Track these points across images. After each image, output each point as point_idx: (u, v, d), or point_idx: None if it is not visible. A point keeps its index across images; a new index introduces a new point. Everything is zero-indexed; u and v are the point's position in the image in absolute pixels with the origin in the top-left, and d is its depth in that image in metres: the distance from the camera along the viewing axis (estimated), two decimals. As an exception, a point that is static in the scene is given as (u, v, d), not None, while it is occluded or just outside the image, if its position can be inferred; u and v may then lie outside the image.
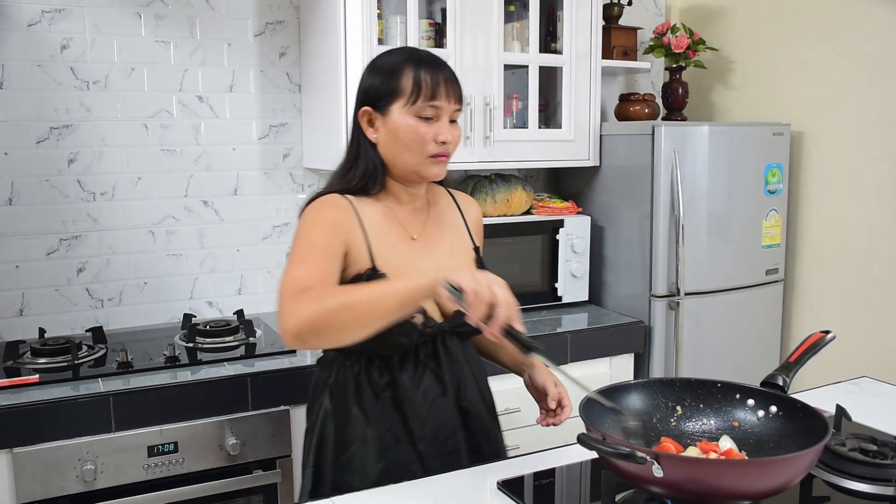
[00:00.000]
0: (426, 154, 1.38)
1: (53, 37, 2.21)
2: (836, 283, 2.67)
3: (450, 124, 1.40)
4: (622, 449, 1.02)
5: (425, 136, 1.37)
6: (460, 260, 1.50)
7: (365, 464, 1.40)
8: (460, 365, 1.47)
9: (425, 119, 1.37)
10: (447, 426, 1.43)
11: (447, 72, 1.39)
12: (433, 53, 1.43)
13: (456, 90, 1.39)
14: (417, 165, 1.40)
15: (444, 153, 1.40)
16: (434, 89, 1.36)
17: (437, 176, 1.43)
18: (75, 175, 2.28)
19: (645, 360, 2.54)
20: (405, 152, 1.39)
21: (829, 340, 1.34)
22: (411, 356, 1.42)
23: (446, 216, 1.54)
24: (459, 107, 1.41)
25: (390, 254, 1.40)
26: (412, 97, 1.36)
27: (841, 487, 1.23)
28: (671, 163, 2.43)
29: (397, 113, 1.37)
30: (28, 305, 2.26)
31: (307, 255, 1.31)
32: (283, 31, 2.49)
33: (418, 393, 1.41)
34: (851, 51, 2.56)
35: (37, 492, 1.74)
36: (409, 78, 1.36)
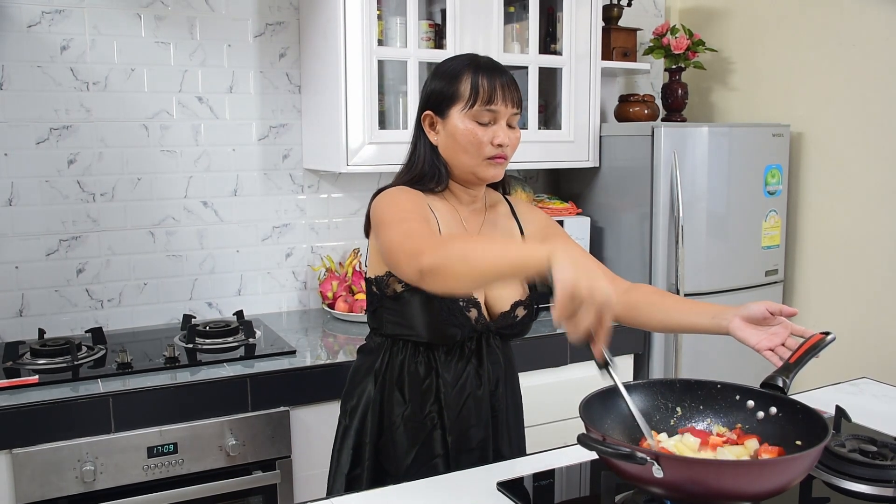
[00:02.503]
0: (483, 156, 1.43)
1: (53, 38, 2.21)
2: (836, 283, 2.67)
3: (507, 128, 1.44)
4: (622, 449, 1.02)
5: (482, 138, 1.42)
6: None
7: (398, 450, 1.46)
8: (499, 366, 1.52)
9: (483, 123, 1.42)
10: (477, 423, 1.48)
11: (505, 77, 1.44)
12: (494, 60, 1.48)
13: (513, 95, 1.43)
14: (475, 167, 1.44)
15: (502, 155, 1.44)
16: (491, 94, 1.41)
17: (494, 177, 1.47)
18: (75, 176, 2.28)
19: (645, 361, 2.54)
20: (463, 154, 1.44)
21: (829, 342, 1.33)
22: (456, 350, 1.46)
23: (501, 222, 1.58)
24: (517, 111, 1.45)
25: None
26: (470, 101, 1.42)
27: (841, 488, 1.23)
28: (671, 164, 2.43)
29: (456, 116, 1.43)
30: (28, 306, 2.26)
31: (404, 216, 1.31)
32: (282, 32, 2.50)
33: (456, 386, 1.46)
34: (851, 52, 2.57)
35: (36, 492, 1.73)
36: (468, 83, 1.42)
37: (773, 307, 1.34)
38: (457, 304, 1.41)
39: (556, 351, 2.34)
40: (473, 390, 1.48)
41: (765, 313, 1.34)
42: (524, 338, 2.26)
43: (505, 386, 1.54)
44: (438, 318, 1.41)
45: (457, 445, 1.46)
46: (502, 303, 1.49)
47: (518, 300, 1.51)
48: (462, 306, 1.42)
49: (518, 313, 1.51)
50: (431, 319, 1.41)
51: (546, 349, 2.32)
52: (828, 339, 1.33)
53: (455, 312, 1.42)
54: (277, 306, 2.59)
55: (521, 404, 1.63)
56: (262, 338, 2.24)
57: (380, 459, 1.49)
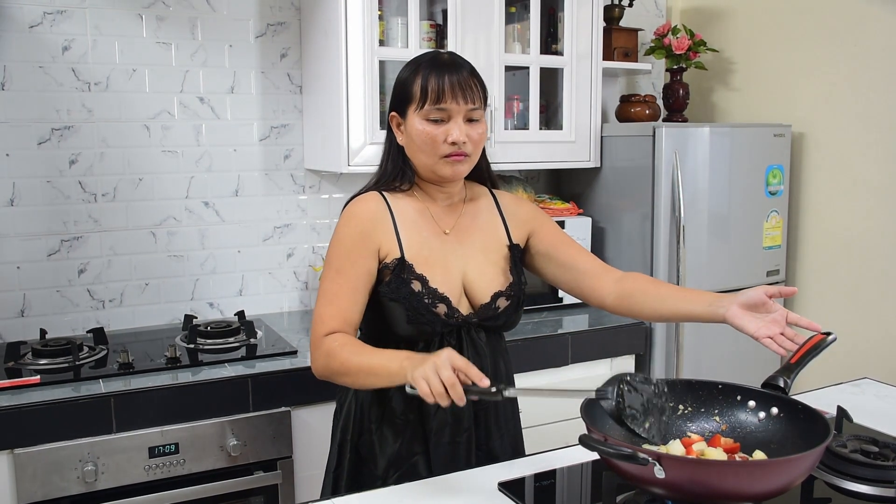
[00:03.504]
0: (439, 154, 1.43)
1: (55, 38, 2.21)
2: (837, 284, 2.67)
3: (467, 124, 1.43)
4: (623, 450, 1.02)
5: (436, 137, 1.42)
6: (492, 255, 1.53)
7: (378, 448, 1.46)
8: (485, 359, 1.49)
9: (435, 122, 1.42)
10: (457, 420, 1.45)
11: (459, 74, 1.43)
12: (453, 56, 1.48)
13: (467, 91, 1.42)
14: (433, 166, 1.45)
15: (459, 153, 1.43)
16: (439, 93, 1.41)
17: (452, 176, 1.46)
18: (77, 176, 2.28)
19: (646, 362, 2.54)
20: (420, 154, 1.45)
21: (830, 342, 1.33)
22: (435, 345, 1.45)
23: (481, 213, 1.57)
24: (475, 105, 1.44)
25: (421, 246, 1.46)
26: (421, 101, 1.42)
27: (842, 489, 1.23)
28: (672, 164, 2.43)
29: (412, 117, 1.44)
30: (29, 306, 2.26)
31: (332, 289, 1.42)
32: (284, 33, 2.50)
33: None
34: (852, 52, 2.57)
35: (38, 493, 1.74)
36: (418, 84, 1.43)
37: (770, 290, 1.33)
38: (422, 301, 1.42)
39: (556, 351, 2.34)
40: None
41: (763, 297, 1.32)
42: (525, 338, 2.28)
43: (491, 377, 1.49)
44: (407, 315, 1.42)
45: (437, 442, 1.45)
46: (483, 294, 1.49)
47: (498, 290, 1.50)
48: (428, 304, 1.42)
49: (499, 304, 1.49)
50: (403, 317, 1.42)
51: (547, 349, 2.32)
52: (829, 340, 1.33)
53: (421, 310, 1.42)
54: (279, 306, 2.59)
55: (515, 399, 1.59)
56: (263, 338, 2.24)
57: (360, 458, 1.49)
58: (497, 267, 1.52)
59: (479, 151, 1.48)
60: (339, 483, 1.50)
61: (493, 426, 1.51)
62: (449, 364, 1.19)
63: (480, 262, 1.51)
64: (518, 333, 2.32)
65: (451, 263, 1.48)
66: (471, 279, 1.49)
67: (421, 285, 1.43)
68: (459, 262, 1.49)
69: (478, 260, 1.51)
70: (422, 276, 1.43)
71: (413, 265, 1.44)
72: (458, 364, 1.19)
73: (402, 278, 1.42)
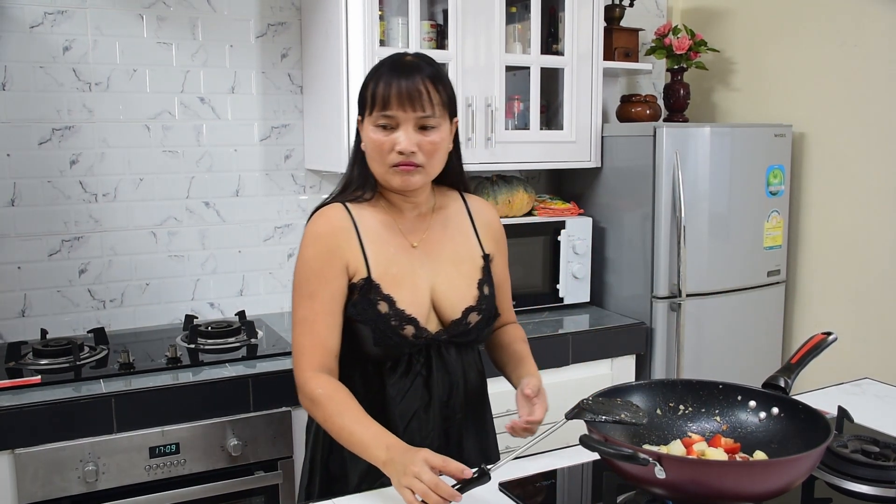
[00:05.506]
0: (387, 164, 1.37)
1: (55, 38, 2.21)
2: (838, 284, 2.67)
3: (420, 132, 1.36)
4: (624, 450, 1.02)
5: (383, 146, 1.36)
6: (463, 266, 1.48)
7: (347, 468, 1.42)
8: (456, 375, 1.45)
9: (384, 128, 1.36)
10: (426, 437, 1.42)
11: (411, 80, 1.35)
12: (416, 59, 1.40)
13: (416, 98, 1.34)
14: (383, 175, 1.40)
15: (408, 163, 1.36)
16: (385, 100, 1.35)
17: (402, 186, 1.39)
18: (77, 176, 2.28)
19: (646, 362, 2.54)
20: (372, 162, 1.40)
21: (830, 342, 1.34)
22: (403, 364, 1.42)
23: (452, 222, 1.51)
24: (427, 113, 1.35)
25: (389, 263, 1.41)
26: (370, 108, 1.38)
27: (843, 489, 1.23)
28: (673, 164, 2.43)
29: (365, 123, 1.40)
30: (30, 306, 2.26)
31: (309, 317, 1.38)
32: (284, 33, 2.50)
33: (402, 402, 1.41)
34: (853, 52, 2.56)
35: (38, 493, 1.74)
36: (369, 89, 1.38)
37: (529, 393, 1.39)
38: (389, 324, 1.38)
39: (557, 351, 2.34)
40: (421, 405, 1.42)
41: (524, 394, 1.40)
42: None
43: (461, 393, 1.46)
44: (374, 337, 1.38)
45: None
46: (453, 310, 1.44)
47: (469, 306, 1.45)
48: (395, 326, 1.38)
49: (470, 319, 1.45)
50: (370, 338, 1.38)
51: (547, 349, 2.32)
52: (829, 340, 1.34)
53: (388, 332, 1.38)
54: (279, 306, 2.59)
55: (487, 408, 1.56)
56: (263, 338, 2.24)
57: (331, 475, 1.45)
58: (468, 279, 1.48)
59: (435, 161, 1.40)
60: (311, 499, 1.47)
61: (465, 441, 1.48)
62: (426, 467, 1.15)
63: (451, 275, 1.46)
64: (519, 333, 2.32)
65: (419, 280, 1.43)
66: (440, 295, 1.44)
67: (388, 306, 1.38)
68: (428, 277, 1.44)
69: (448, 273, 1.46)
70: (389, 297, 1.39)
71: (380, 285, 1.39)
72: (435, 464, 1.16)
73: (368, 299, 1.38)
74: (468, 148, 2.42)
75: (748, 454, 1.19)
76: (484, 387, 1.56)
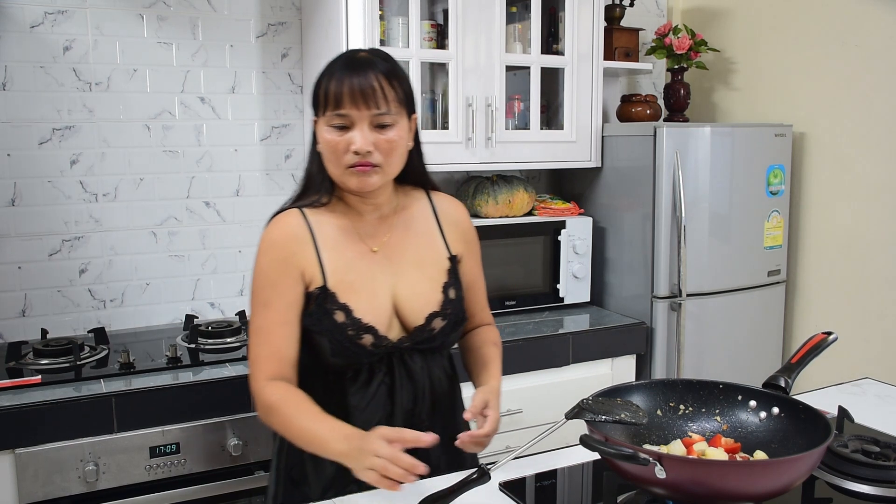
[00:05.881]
0: (343, 165, 1.33)
1: (56, 38, 2.21)
2: (838, 284, 2.67)
3: (375, 130, 1.31)
4: (625, 450, 1.02)
5: (338, 146, 1.32)
6: (427, 270, 1.43)
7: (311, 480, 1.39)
8: (421, 383, 1.41)
9: (338, 129, 1.32)
10: None
11: (363, 76, 1.30)
12: (370, 55, 1.36)
13: (369, 95, 1.30)
14: (340, 177, 1.35)
15: (364, 163, 1.31)
16: (337, 98, 1.30)
17: (359, 188, 1.34)
18: (77, 176, 2.28)
19: (647, 362, 2.54)
20: (328, 164, 1.36)
21: (831, 342, 1.34)
22: (364, 373, 1.37)
23: (416, 223, 1.45)
24: (382, 110, 1.31)
25: (346, 270, 1.36)
26: (323, 108, 1.33)
27: (843, 489, 1.23)
28: (673, 164, 2.43)
29: (319, 124, 1.35)
30: (30, 306, 2.26)
31: (264, 326, 1.35)
32: (284, 33, 2.50)
33: (366, 411, 1.37)
34: (854, 51, 2.56)
35: (39, 492, 1.74)
36: (322, 88, 1.34)
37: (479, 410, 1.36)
38: (346, 333, 1.33)
39: (557, 351, 2.34)
40: (384, 414, 1.37)
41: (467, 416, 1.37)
42: (525, 338, 2.28)
43: (427, 401, 1.41)
44: (331, 348, 1.34)
45: None
46: (416, 316, 1.39)
47: (433, 311, 1.40)
48: (352, 335, 1.33)
49: (434, 325, 1.40)
50: (327, 349, 1.34)
51: (548, 349, 2.32)
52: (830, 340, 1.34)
53: (345, 343, 1.33)
54: (279, 306, 2.59)
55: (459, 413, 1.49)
56: (264, 338, 2.24)
57: (295, 486, 1.41)
58: (432, 283, 1.42)
59: (393, 160, 1.35)
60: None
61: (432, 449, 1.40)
62: (382, 442, 1.14)
63: (413, 279, 1.41)
64: (519, 333, 2.32)
65: (378, 286, 1.37)
66: (403, 300, 1.39)
67: (344, 315, 1.33)
68: (389, 282, 1.38)
69: (410, 278, 1.40)
70: (345, 306, 1.34)
71: (336, 294, 1.34)
72: (390, 436, 1.15)
73: (324, 308, 1.34)
74: (468, 148, 2.42)
75: (748, 454, 1.19)
76: (455, 392, 1.51)
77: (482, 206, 2.54)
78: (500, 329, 2.36)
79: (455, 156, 2.42)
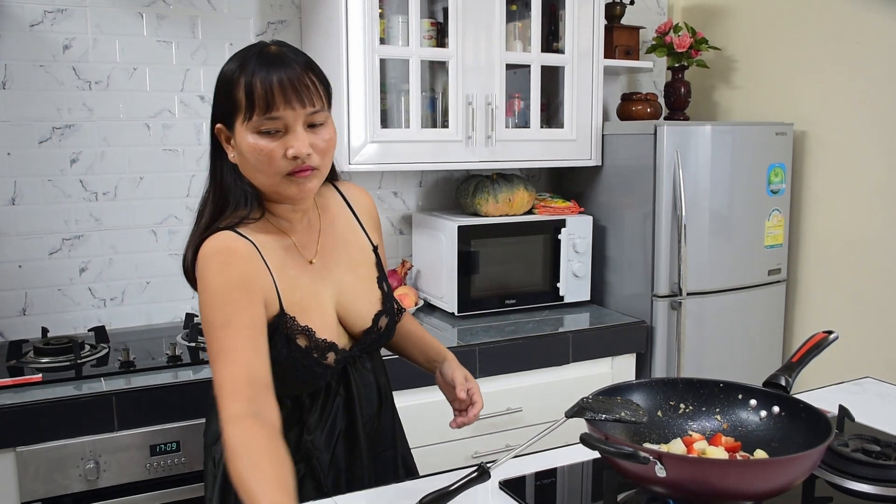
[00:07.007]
0: (280, 173, 1.19)
1: (55, 37, 2.21)
2: (839, 283, 2.67)
3: (309, 131, 1.20)
4: (625, 449, 1.02)
5: (272, 153, 1.17)
6: (361, 269, 1.37)
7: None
8: (370, 387, 1.38)
9: (269, 133, 1.18)
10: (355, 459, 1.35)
11: (288, 72, 1.17)
12: (282, 49, 1.22)
13: (303, 91, 1.17)
14: (274, 187, 1.21)
15: (303, 168, 1.19)
16: (268, 99, 1.15)
17: (299, 196, 1.23)
18: (77, 175, 2.28)
19: (647, 361, 2.54)
20: (258, 174, 1.21)
21: (832, 340, 1.33)
22: (321, 391, 1.31)
23: (339, 222, 1.38)
24: (316, 108, 1.19)
25: (293, 289, 1.26)
26: (248, 112, 1.17)
27: (844, 488, 1.23)
28: (673, 162, 2.43)
29: (239, 131, 1.19)
30: (31, 305, 2.26)
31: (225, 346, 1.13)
32: (284, 31, 2.50)
33: (326, 428, 1.32)
34: (855, 50, 2.56)
35: (40, 490, 1.74)
36: (241, 89, 1.17)
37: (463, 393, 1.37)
38: (311, 357, 1.25)
39: (557, 349, 2.34)
40: (345, 426, 1.33)
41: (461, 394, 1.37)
42: (526, 336, 2.28)
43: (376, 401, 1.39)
44: (297, 375, 1.25)
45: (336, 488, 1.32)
46: (363, 320, 1.34)
47: (378, 310, 1.36)
48: (317, 358, 1.26)
49: (381, 324, 1.36)
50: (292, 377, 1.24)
51: (547, 348, 2.32)
52: (830, 338, 1.33)
53: (312, 366, 1.25)
54: (280, 305, 2.59)
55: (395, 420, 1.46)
56: (264, 336, 2.24)
57: None
58: (368, 281, 1.37)
59: (328, 161, 1.25)
60: None
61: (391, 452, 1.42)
62: None
63: (351, 283, 1.34)
64: (518, 332, 2.32)
65: (323, 300, 1.29)
66: (346, 308, 1.33)
67: (307, 339, 1.25)
68: (331, 292, 1.31)
69: (349, 283, 1.34)
70: (306, 329, 1.25)
71: (295, 318, 1.24)
72: None
73: (285, 336, 1.23)
74: (468, 146, 2.42)
75: (749, 453, 1.19)
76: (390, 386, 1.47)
77: (482, 205, 2.53)
78: (500, 328, 2.37)
79: (455, 154, 2.42)
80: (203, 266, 1.20)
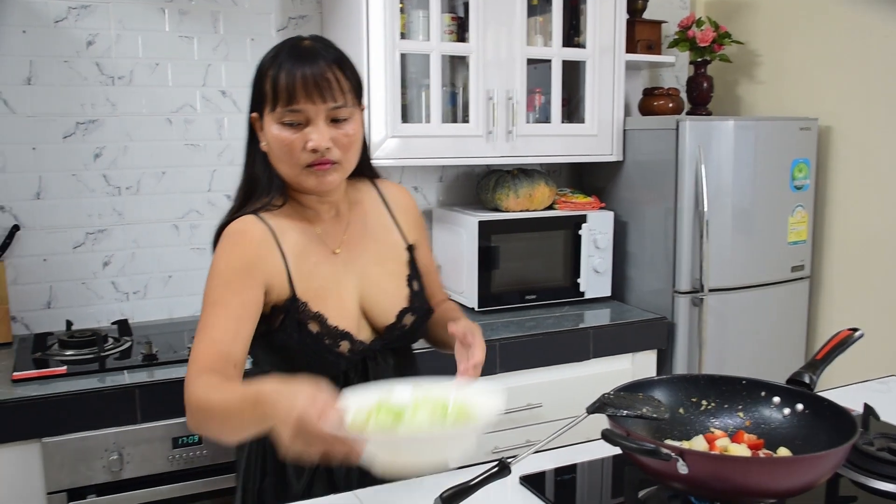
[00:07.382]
0: (300, 165, 1.24)
1: (79, 33, 2.23)
2: (863, 280, 2.63)
3: (332, 125, 1.24)
4: (647, 445, 1.01)
5: (292, 144, 1.22)
6: (389, 265, 1.38)
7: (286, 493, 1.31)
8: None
9: (291, 125, 1.23)
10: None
11: (315, 67, 1.21)
12: (315, 43, 1.27)
13: (325, 87, 1.21)
14: (295, 177, 1.26)
15: (322, 161, 1.23)
16: (290, 92, 1.20)
17: (318, 187, 1.27)
18: (101, 170, 2.30)
19: (668, 357, 2.52)
20: (280, 164, 1.26)
21: (856, 338, 1.32)
22: (340, 380, 1.30)
23: (371, 217, 1.40)
24: (339, 103, 1.23)
25: (311, 277, 1.29)
26: (273, 103, 1.23)
27: (868, 487, 1.21)
28: (696, 158, 2.41)
29: (267, 120, 1.25)
30: (55, 298, 2.29)
31: (208, 323, 1.19)
32: (305, 26, 2.50)
33: None
34: (880, 44, 2.52)
35: (65, 481, 1.76)
36: (269, 81, 1.23)
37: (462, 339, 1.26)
38: (322, 343, 1.26)
39: (578, 345, 2.33)
40: None
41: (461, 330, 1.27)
42: (546, 332, 2.28)
43: None
44: (308, 360, 1.26)
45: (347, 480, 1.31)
46: (387, 315, 1.34)
47: (403, 308, 1.36)
48: (329, 345, 1.27)
49: (406, 322, 1.36)
50: (303, 362, 1.26)
51: (568, 344, 2.31)
52: (855, 336, 1.32)
53: (323, 353, 1.27)
54: (300, 299, 2.60)
55: None
56: (284, 331, 2.25)
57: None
58: (397, 278, 1.37)
59: (351, 156, 1.28)
60: None
61: None
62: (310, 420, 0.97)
63: (378, 277, 1.35)
64: (539, 328, 2.32)
65: (344, 290, 1.31)
66: (370, 301, 1.34)
67: (319, 325, 1.26)
68: (354, 284, 1.32)
69: (375, 276, 1.35)
70: (318, 315, 1.26)
71: (307, 303, 1.26)
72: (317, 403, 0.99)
73: (296, 321, 1.25)
74: (489, 141, 2.41)
75: (772, 451, 1.18)
76: None
77: (503, 200, 2.53)
78: (520, 323, 2.37)
79: (475, 149, 2.41)
80: (219, 247, 1.28)
